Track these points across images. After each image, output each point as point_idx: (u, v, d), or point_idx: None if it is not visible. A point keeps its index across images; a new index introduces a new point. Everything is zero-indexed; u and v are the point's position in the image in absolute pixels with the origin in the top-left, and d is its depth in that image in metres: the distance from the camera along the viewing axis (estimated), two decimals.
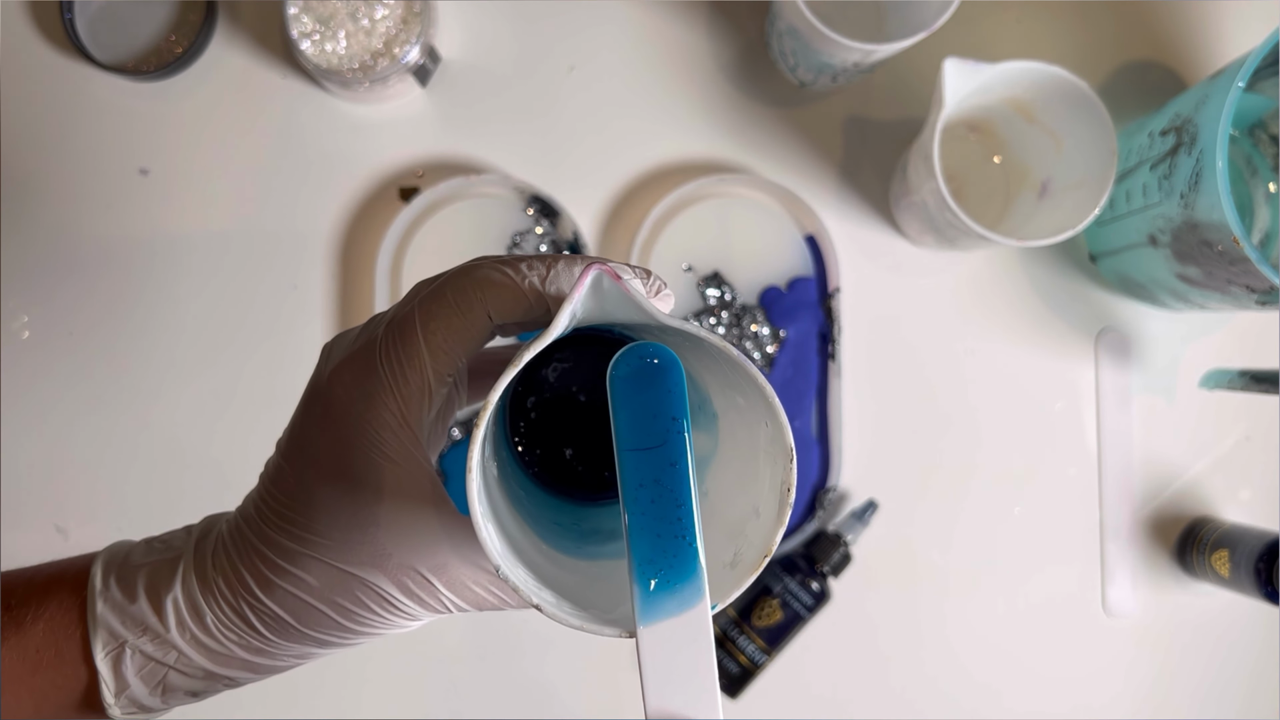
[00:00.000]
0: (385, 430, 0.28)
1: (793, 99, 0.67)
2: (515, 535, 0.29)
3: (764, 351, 0.65)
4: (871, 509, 0.64)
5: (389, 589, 0.29)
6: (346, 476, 0.28)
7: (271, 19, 0.65)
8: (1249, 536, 0.61)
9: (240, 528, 0.30)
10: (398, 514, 0.28)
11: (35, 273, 0.64)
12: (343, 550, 0.28)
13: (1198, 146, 0.51)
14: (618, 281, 0.25)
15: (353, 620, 0.30)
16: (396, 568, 0.29)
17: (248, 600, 0.30)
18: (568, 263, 0.29)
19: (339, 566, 0.29)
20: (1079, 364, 0.67)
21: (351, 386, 0.28)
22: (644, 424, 0.25)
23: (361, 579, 0.29)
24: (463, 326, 0.28)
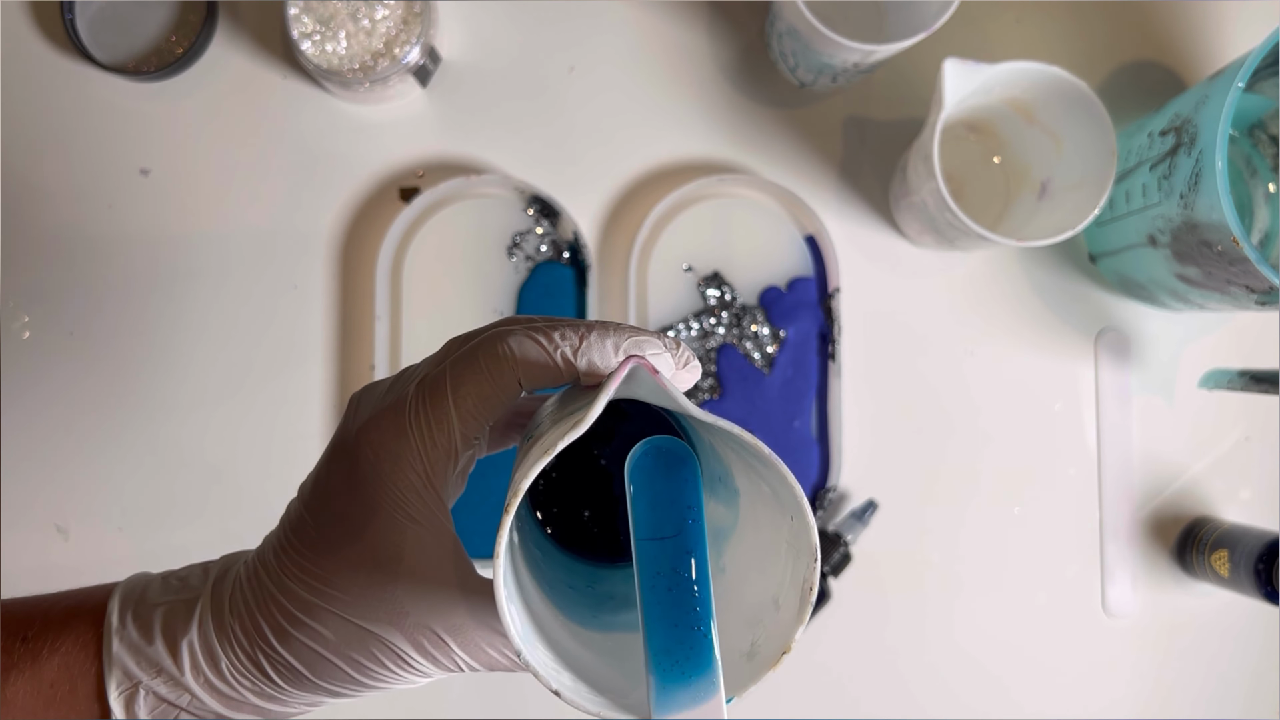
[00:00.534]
0: (410, 492, 0.29)
1: (793, 99, 0.67)
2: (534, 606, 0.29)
3: (764, 351, 0.65)
4: (871, 509, 0.64)
5: (404, 647, 0.29)
6: (369, 535, 0.29)
7: (272, 19, 0.65)
8: (1248, 536, 0.61)
9: (259, 574, 0.30)
10: (418, 575, 0.29)
11: (35, 273, 0.65)
12: (361, 607, 0.29)
13: (1197, 147, 0.51)
14: (654, 376, 0.26)
15: (365, 675, 0.30)
16: (413, 627, 0.29)
17: (263, 649, 0.30)
18: (600, 334, 0.29)
19: (356, 623, 0.29)
20: (1079, 364, 0.67)
21: (379, 447, 0.29)
22: (660, 514, 0.26)
23: (378, 636, 0.29)
24: (492, 394, 0.29)
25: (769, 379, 0.65)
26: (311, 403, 0.65)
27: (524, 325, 0.30)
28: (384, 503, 0.29)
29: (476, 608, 0.30)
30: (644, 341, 0.29)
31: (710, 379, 0.65)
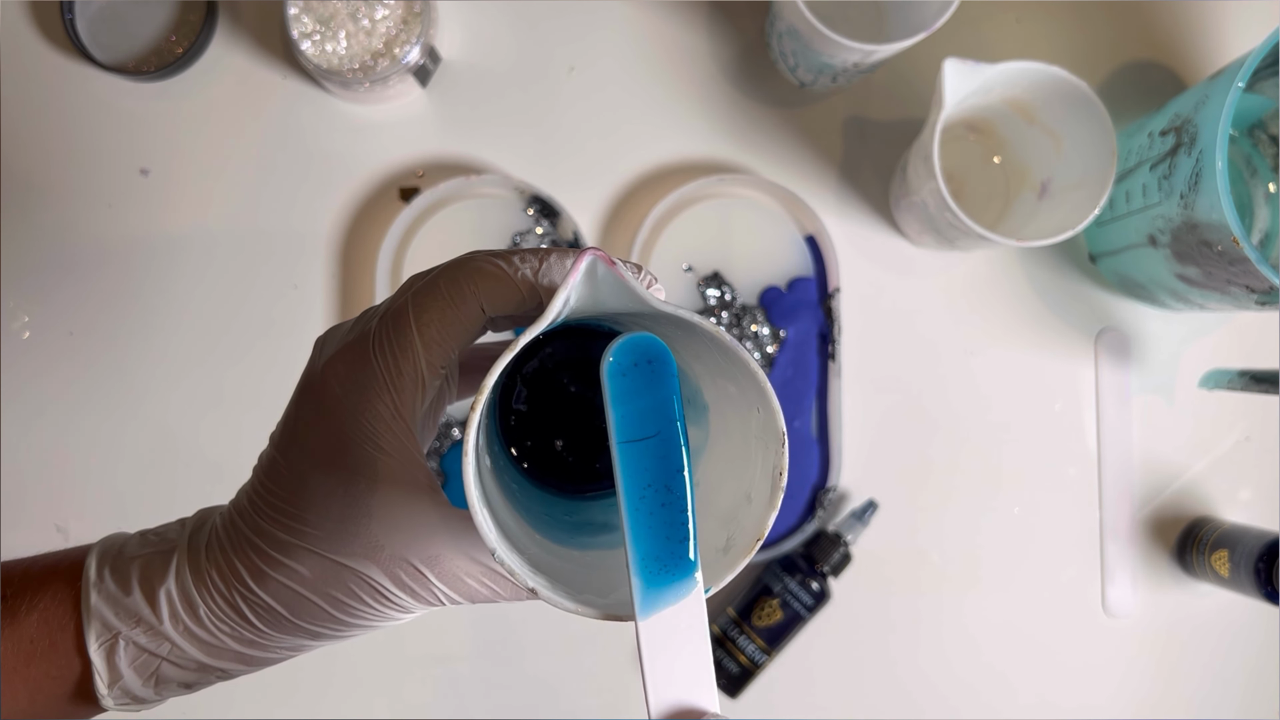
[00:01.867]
0: (379, 422, 0.28)
1: (793, 99, 0.67)
2: (509, 525, 0.29)
3: (764, 351, 0.65)
4: (871, 509, 0.64)
5: (381, 580, 0.29)
6: (340, 468, 0.29)
7: (272, 19, 0.65)
8: (1248, 536, 0.61)
9: (234, 519, 0.30)
10: (391, 506, 0.29)
11: (35, 273, 0.65)
12: (335, 541, 0.29)
13: (1197, 147, 0.51)
14: (612, 267, 0.26)
15: (345, 611, 0.30)
16: (389, 559, 0.29)
17: (241, 592, 0.30)
18: (560, 255, 0.29)
19: (332, 558, 0.29)
20: (1079, 364, 0.67)
21: (345, 379, 0.29)
22: (639, 416, 0.26)
23: (354, 570, 0.29)
24: (456, 318, 0.29)
25: (769, 379, 0.65)
26: None
27: (485, 252, 0.30)
28: (353, 435, 0.28)
29: (453, 537, 0.29)
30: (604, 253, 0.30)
31: None
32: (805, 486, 0.65)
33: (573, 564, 0.30)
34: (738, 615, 0.63)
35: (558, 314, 0.26)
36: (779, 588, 0.62)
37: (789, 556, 0.63)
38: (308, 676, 0.65)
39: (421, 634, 0.65)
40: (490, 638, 0.65)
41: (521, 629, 0.65)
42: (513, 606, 0.65)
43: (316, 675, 0.65)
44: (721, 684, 0.62)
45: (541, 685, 0.65)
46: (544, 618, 0.66)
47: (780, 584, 0.62)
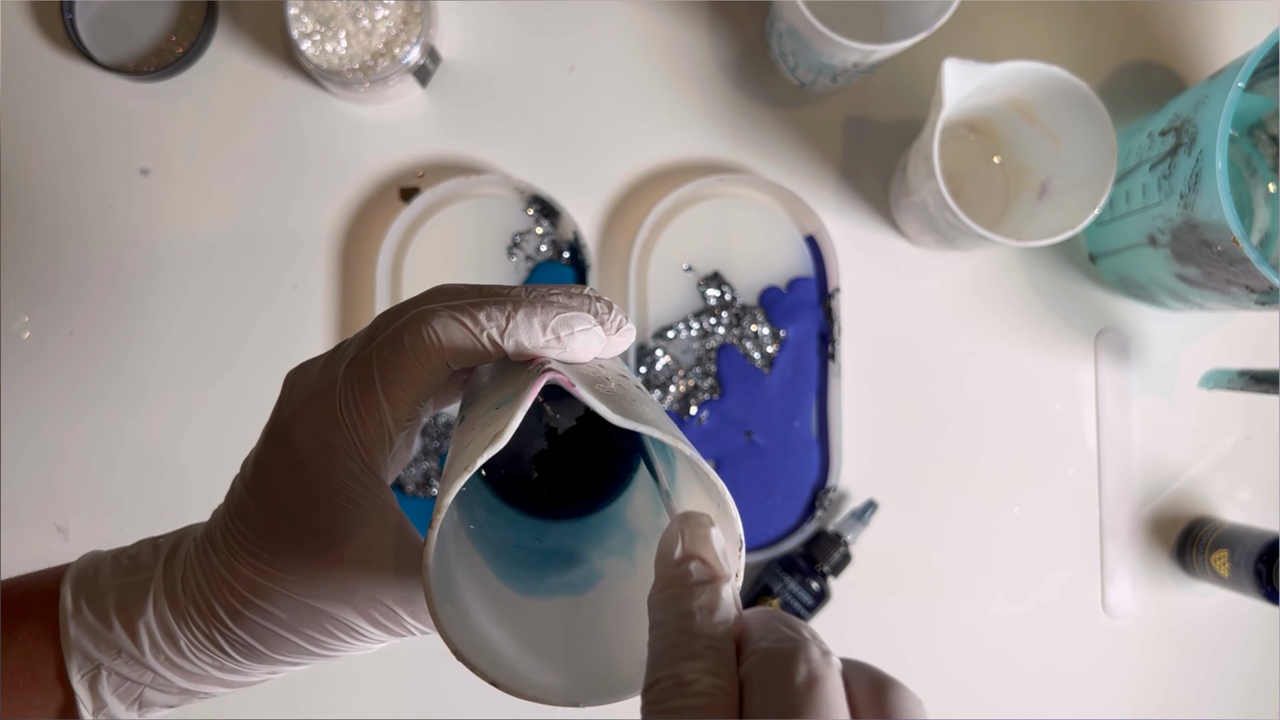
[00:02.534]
0: (348, 478, 0.29)
1: (793, 99, 0.67)
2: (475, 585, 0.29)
3: (764, 351, 0.65)
4: (871, 509, 0.64)
5: (356, 621, 0.30)
6: (311, 520, 0.29)
7: (272, 19, 0.65)
8: (1248, 536, 0.61)
9: (208, 554, 0.31)
10: (362, 553, 0.29)
11: (35, 273, 0.65)
12: (309, 587, 0.29)
13: (1197, 147, 0.51)
14: (572, 389, 0.26)
15: (321, 647, 0.31)
16: (363, 602, 0.29)
17: (219, 629, 0.30)
18: (527, 313, 0.29)
19: (306, 602, 0.29)
20: (1079, 364, 0.67)
21: (314, 436, 0.29)
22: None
23: (329, 614, 0.30)
24: (419, 377, 0.29)
25: (769, 379, 0.65)
26: None
27: (450, 301, 0.29)
28: (323, 489, 0.29)
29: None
30: (572, 319, 0.29)
31: (710, 379, 0.65)
32: (805, 486, 0.65)
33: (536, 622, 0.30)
34: None
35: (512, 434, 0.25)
36: (779, 587, 0.62)
37: (789, 556, 0.63)
38: (306, 679, 0.65)
39: None
40: None
41: None
42: None
43: (316, 675, 0.65)
44: None
45: None
46: None
47: (780, 584, 0.62)
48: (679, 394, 0.65)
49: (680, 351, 0.65)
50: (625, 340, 0.31)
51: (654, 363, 0.64)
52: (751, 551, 0.64)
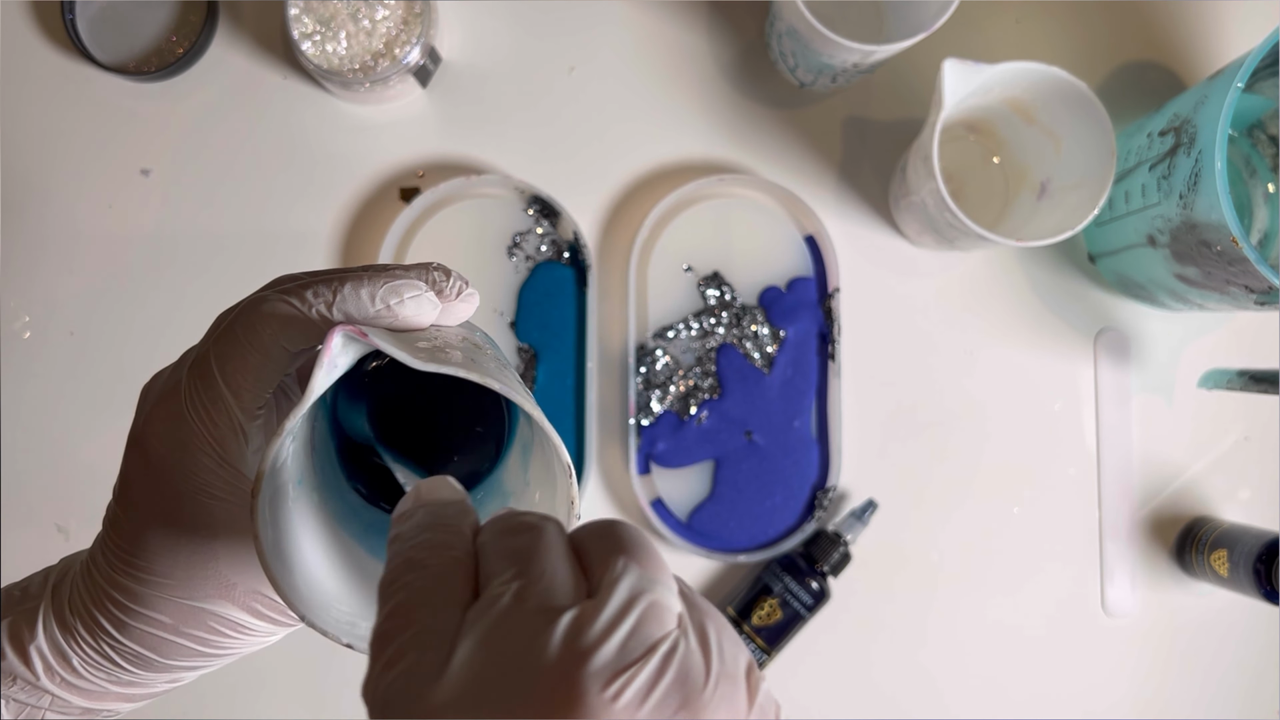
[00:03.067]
0: (206, 474, 0.29)
1: (792, 100, 0.67)
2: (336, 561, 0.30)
3: (764, 351, 0.65)
4: (871, 508, 0.64)
5: (239, 616, 0.30)
6: (178, 521, 0.29)
7: (272, 20, 0.65)
8: (1248, 536, 0.61)
9: (91, 572, 0.31)
10: (235, 546, 0.29)
11: (36, 273, 0.65)
12: (188, 587, 0.29)
13: (1196, 147, 0.51)
14: (364, 338, 0.26)
15: (212, 646, 0.31)
16: (243, 595, 0.30)
17: (108, 641, 0.30)
18: (355, 285, 0.29)
19: (187, 603, 0.30)
20: (1078, 364, 0.67)
21: (167, 437, 0.29)
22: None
23: (212, 611, 0.30)
24: (260, 364, 0.29)
25: (769, 379, 0.65)
26: None
27: (281, 287, 0.30)
28: (184, 489, 0.29)
29: None
30: (400, 286, 0.29)
31: (710, 379, 0.65)
32: (805, 486, 0.65)
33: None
34: (737, 615, 0.63)
35: (318, 395, 0.26)
36: (779, 587, 0.62)
37: (789, 556, 0.63)
38: (305, 680, 0.65)
39: None
40: None
41: None
42: None
43: (312, 677, 0.65)
44: None
45: None
46: None
47: (780, 583, 0.63)
48: (679, 394, 0.65)
49: (680, 351, 0.65)
50: (468, 306, 0.31)
51: (654, 363, 0.64)
52: (751, 551, 0.64)
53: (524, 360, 0.64)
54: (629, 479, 0.64)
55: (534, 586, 0.21)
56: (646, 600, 0.21)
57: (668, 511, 0.64)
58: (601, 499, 0.66)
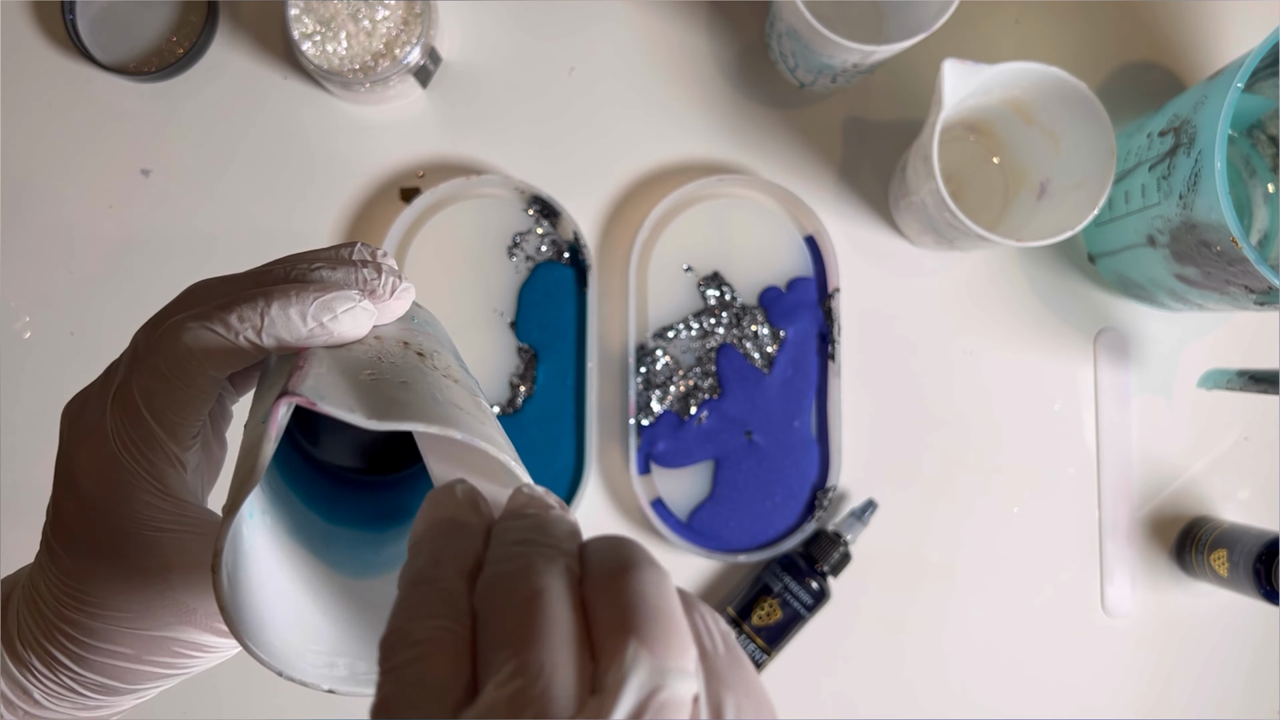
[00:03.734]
0: (148, 510, 0.27)
1: (792, 100, 0.67)
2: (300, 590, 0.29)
3: (764, 351, 0.65)
4: (871, 508, 0.64)
5: (203, 638, 0.29)
6: (125, 557, 0.28)
7: (273, 20, 0.65)
8: (1247, 536, 0.61)
9: (37, 604, 0.29)
10: (189, 573, 0.28)
11: (36, 273, 0.65)
12: (146, 618, 0.28)
13: (1196, 147, 0.51)
14: (315, 408, 0.24)
15: (176, 669, 0.29)
16: (204, 618, 0.28)
17: (68, 675, 0.29)
18: (282, 305, 0.27)
19: (147, 633, 0.28)
20: (1078, 364, 0.67)
21: (98, 479, 0.27)
22: None
23: (173, 638, 0.28)
24: (189, 397, 0.27)
25: (769, 379, 0.65)
26: None
27: (202, 305, 0.28)
28: (127, 527, 0.27)
29: None
30: (332, 300, 0.27)
31: (710, 379, 0.65)
32: (805, 486, 0.65)
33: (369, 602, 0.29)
34: (737, 615, 0.63)
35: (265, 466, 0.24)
36: (779, 587, 0.62)
37: (788, 556, 0.63)
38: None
39: None
40: None
41: None
42: None
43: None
44: None
45: None
46: None
47: (780, 583, 0.63)
48: (679, 394, 0.65)
49: (680, 351, 0.65)
50: (402, 303, 0.30)
51: (654, 363, 0.64)
52: (751, 551, 0.64)
53: (524, 360, 0.64)
54: (629, 479, 0.64)
55: (531, 690, 0.19)
56: (658, 703, 0.19)
57: (668, 511, 0.64)
58: (602, 499, 0.66)
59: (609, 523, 0.66)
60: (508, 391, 0.64)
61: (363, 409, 0.24)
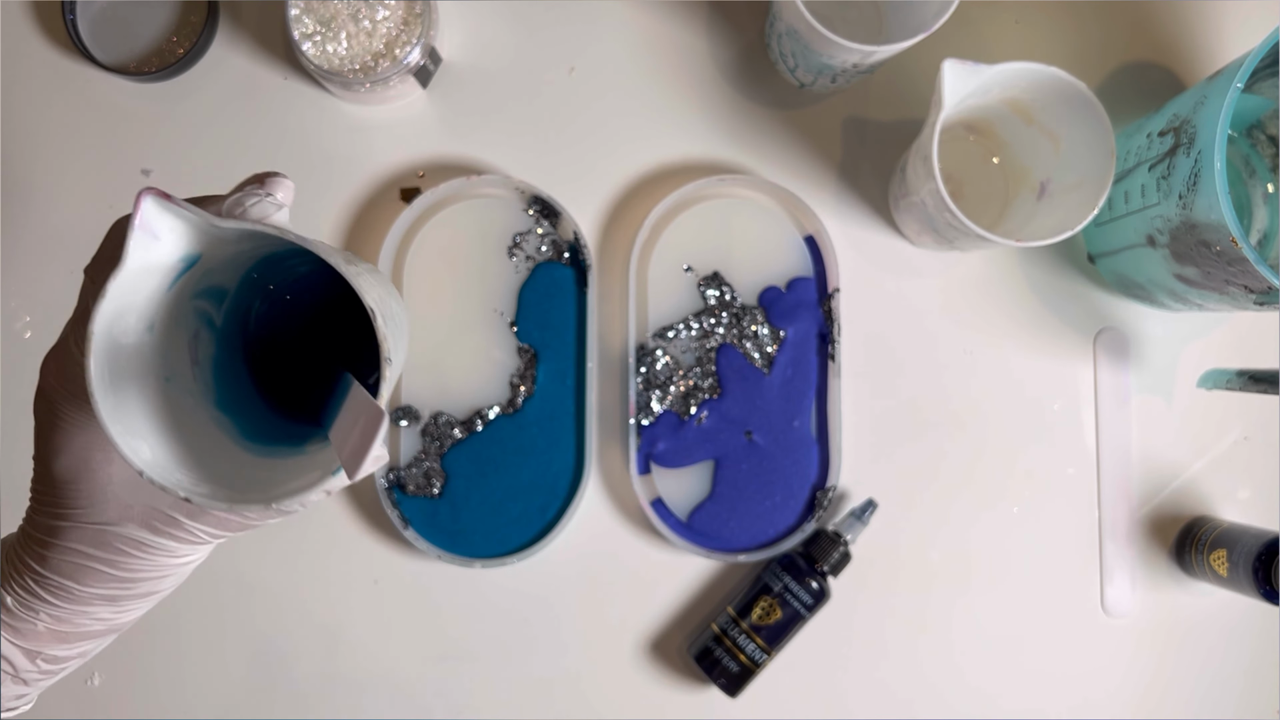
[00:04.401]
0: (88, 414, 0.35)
1: (792, 100, 0.67)
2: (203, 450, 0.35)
3: (764, 351, 0.65)
4: (871, 508, 0.64)
5: (141, 534, 0.35)
6: (72, 456, 0.36)
7: (273, 20, 0.65)
8: (1247, 536, 0.61)
9: (23, 526, 0.37)
10: (125, 473, 0.35)
11: (36, 273, 0.65)
12: (92, 512, 0.35)
13: (1196, 147, 0.51)
14: (168, 199, 0.30)
15: (123, 569, 0.36)
16: (142, 514, 0.35)
17: (33, 576, 0.36)
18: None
19: (93, 525, 0.35)
20: (1077, 364, 0.68)
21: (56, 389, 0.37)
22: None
23: (115, 532, 0.35)
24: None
25: (769, 379, 0.65)
26: None
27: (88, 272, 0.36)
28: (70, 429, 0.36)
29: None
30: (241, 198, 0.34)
31: (710, 379, 0.65)
32: (804, 486, 0.65)
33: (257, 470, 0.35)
34: (737, 614, 0.63)
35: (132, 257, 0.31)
36: (778, 587, 0.63)
37: (788, 555, 0.64)
38: (308, 681, 0.65)
39: (419, 631, 0.65)
40: (489, 635, 0.65)
41: (523, 628, 0.65)
42: (516, 605, 0.65)
43: (316, 678, 0.65)
44: (721, 683, 0.62)
45: (541, 685, 0.66)
46: (547, 616, 0.66)
47: (780, 583, 0.63)
48: (679, 394, 0.65)
49: (680, 351, 0.65)
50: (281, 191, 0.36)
51: (654, 363, 0.64)
52: (751, 551, 0.64)
53: (524, 360, 0.64)
54: (629, 479, 0.64)
55: None
56: None
57: (668, 511, 0.65)
58: (602, 499, 0.66)
59: (609, 522, 0.66)
60: (508, 391, 0.64)
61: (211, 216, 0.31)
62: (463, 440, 0.64)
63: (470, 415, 0.64)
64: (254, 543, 0.64)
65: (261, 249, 0.37)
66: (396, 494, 0.64)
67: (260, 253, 0.38)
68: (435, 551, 0.63)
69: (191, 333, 0.37)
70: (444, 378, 0.64)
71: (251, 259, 0.38)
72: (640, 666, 0.66)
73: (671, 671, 0.66)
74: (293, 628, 0.65)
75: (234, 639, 0.65)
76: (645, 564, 0.66)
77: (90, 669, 0.65)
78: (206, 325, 0.38)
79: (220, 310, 0.39)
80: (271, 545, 0.65)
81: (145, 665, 0.65)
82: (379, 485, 0.63)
